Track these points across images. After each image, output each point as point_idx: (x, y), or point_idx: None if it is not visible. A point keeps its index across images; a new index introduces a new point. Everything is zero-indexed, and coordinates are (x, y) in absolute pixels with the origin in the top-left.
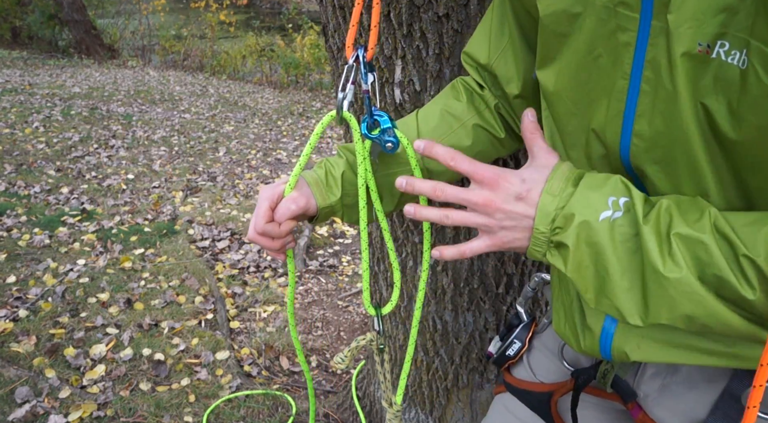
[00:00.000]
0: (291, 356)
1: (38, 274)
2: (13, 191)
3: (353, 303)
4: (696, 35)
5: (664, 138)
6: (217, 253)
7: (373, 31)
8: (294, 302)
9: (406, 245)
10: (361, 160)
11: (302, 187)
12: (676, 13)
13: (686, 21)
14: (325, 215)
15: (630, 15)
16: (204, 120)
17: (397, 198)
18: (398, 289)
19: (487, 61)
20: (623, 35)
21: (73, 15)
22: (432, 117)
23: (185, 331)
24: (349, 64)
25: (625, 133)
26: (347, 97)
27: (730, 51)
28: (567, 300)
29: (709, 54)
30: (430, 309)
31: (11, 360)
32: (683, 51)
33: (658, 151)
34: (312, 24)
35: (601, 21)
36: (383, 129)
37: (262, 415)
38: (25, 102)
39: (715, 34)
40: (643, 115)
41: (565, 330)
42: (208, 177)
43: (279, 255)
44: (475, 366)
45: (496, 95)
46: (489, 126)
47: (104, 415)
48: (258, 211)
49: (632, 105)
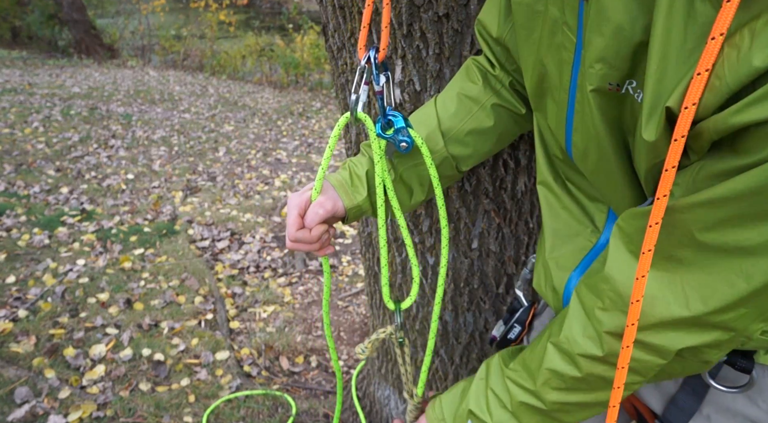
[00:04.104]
0: (291, 356)
1: (38, 275)
2: (13, 191)
3: (353, 303)
4: (606, 76)
5: (591, 153)
6: (217, 253)
7: (384, 31)
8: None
9: (406, 245)
10: (378, 160)
11: (328, 191)
12: (587, 52)
13: (597, 62)
14: (354, 215)
15: (570, 37)
16: (204, 120)
17: (426, 187)
18: (417, 285)
19: (499, 35)
20: (565, 53)
21: (73, 15)
22: (450, 103)
23: (185, 331)
24: (361, 65)
25: (568, 140)
26: (361, 98)
27: (636, 88)
28: (545, 263)
29: (619, 91)
30: (430, 309)
31: (11, 360)
32: (592, 88)
33: (589, 163)
34: (312, 24)
35: (551, 33)
36: (397, 129)
37: (261, 416)
38: (24, 102)
39: (624, 76)
40: (577, 129)
41: (544, 288)
42: (208, 177)
43: (323, 252)
44: (475, 366)
45: (510, 70)
46: (508, 104)
47: (104, 415)
48: (289, 220)
49: (571, 117)
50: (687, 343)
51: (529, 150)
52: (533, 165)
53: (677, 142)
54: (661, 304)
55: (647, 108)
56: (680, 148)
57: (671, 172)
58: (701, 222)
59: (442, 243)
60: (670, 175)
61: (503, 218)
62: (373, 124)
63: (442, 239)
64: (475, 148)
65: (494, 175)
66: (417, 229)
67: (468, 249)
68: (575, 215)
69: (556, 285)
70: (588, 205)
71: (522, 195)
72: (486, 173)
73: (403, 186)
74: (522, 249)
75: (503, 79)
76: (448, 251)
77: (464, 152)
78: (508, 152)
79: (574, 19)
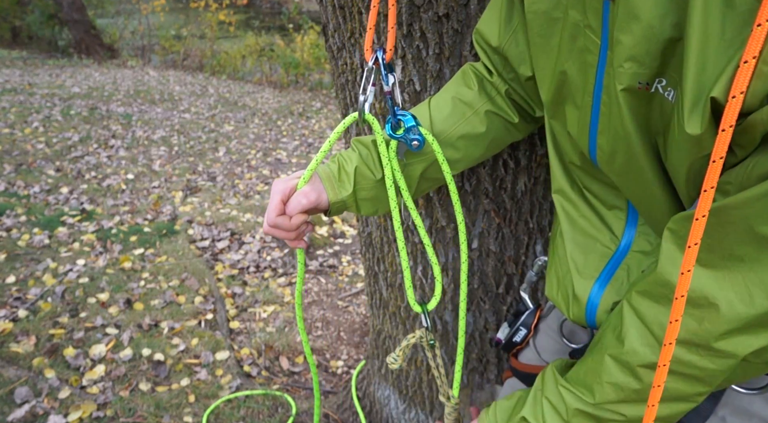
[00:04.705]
0: (291, 356)
1: (38, 275)
2: (13, 191)
3: (353, 303)
4: (636, 75)
5: (618, 155)
6: (217, 253)
7: (390, 32)
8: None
9: (407, 245)
10: (386, 162)
11: (314, 182)
12: (616, 52)
13: (626, 61)
14: (337, 209)
15: (594, 39)
16: (204, 120)
17: (414, 187)
18: (440, 284)
19: (499, 44)
20: (589, 56)
21: (73, 15)
22: (444, 105)
23: (185, 331)
24: (368, 66)
25: (592, 144)
26: (368, 99)
27: (666, 87)
28: (561, 271)
29: (649, 90)
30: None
31: (11, 360)
32: (623, 87)
33: (616, 165)
34: (312, 24)
35: (572, 37)
36: (407, 128)
37: (261, 416)
38: (24, 102)
39: (654, 74)
40: (603, 132)
41: (557, 297)
42: (208, 177)
43: (296, 244)
44: (475, 366)
45: (507, 79)
46: (502, 111)
47: (104, 415)
48: (270, 205)
49: (596, 120)
50: (755, 345)
51: (529, 150)
52: (533, 165)
53: (725, 132)
54: (725, 306)
55: (689, 101)
56: (728, 138)
57: (719, 164)
58: (761, 215)
59: (461, 238)
60: (717, 166)
61: (503, 218)
62: (380, 127)
63: (460, 234)
64: (465, 153)
65: (494, 175)
66: (417, 229)
67: (468, 249)
68: (593, 223)
69: (578, 293)
70: (605, 214)
71: (522, 195)
72: (486, 173)
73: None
74: (522, 249)
75: (499, 86)
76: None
77: (454, 156)
78: (508, 152)
79: (598, 21)
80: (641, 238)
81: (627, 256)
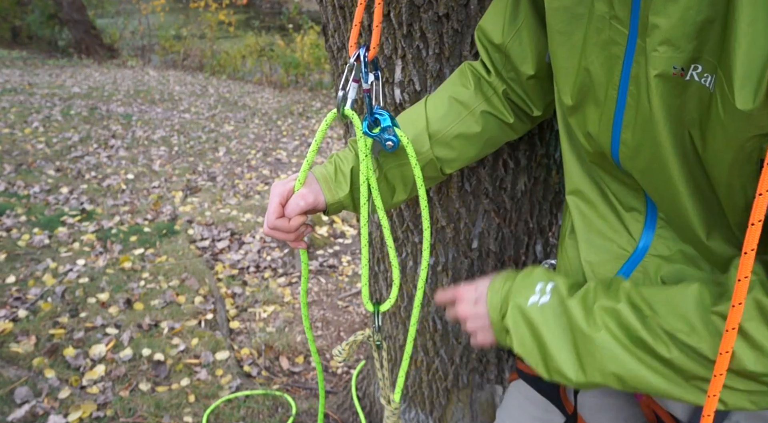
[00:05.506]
0: (291, 356)
1: (38, 274)
2: (13, 191)
3: (353, 303)
4: (671, 59)
5: (644, 149)
6: (217, 253)
7: (375, 30)
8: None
9: (406, 245)
10: (363, 158)
11: (311, 183)
12: (652, 36)
13: (661, 45)
14: (334, 209)
15: (621, 30)
16: (204, 120)
17: (409, 188)
18: (397, 288)
19: (501, 41)
20: (615, 48)
21: (73, 15)
22: (440, 105)
23: (185, 331)
24: (350, 62)
25: (615, 140)
26: (349, 95)
27: (702, 73)
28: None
29: (684, 76)
30: (430, 309)
31: (11, 360)
32: (657, 73)
33: (640, 161)
34: (312, 24)
35: (597, 30)
36: (383, 127)
37: (261, 416)
38: (24, 102)
39: (689, 59)
40: (628, 126)
41: None
42: (208, 177)
43: (296, 245)
44: (475, 366)
45: (506, 78)
46: (498, 112)
47: (104, 415)
48: (269, 208)
49: (620, 114)
50: None
51: (529, 150)
52: (533, 165)
53: None
54: None
55: (739, 76)
56: None
57: None
58: None
59: (424, 244)
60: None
61: (503, 218)
62: (360, 123)
63: (424, 241)
64: (460, 152)
65: (494, 175)
66: (417, 229)
67: (468, 249)
68: (611, 224)
69: None
70: (624, 215)
71: (522, 195)
72: (486, 173)
73: (386, 185)
74: (522, 249)
75: (497, 86)
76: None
77: (449, 155)
78: (508, 152)
79: (626, 11)
80: (659, 242)
81: (644, 258)
